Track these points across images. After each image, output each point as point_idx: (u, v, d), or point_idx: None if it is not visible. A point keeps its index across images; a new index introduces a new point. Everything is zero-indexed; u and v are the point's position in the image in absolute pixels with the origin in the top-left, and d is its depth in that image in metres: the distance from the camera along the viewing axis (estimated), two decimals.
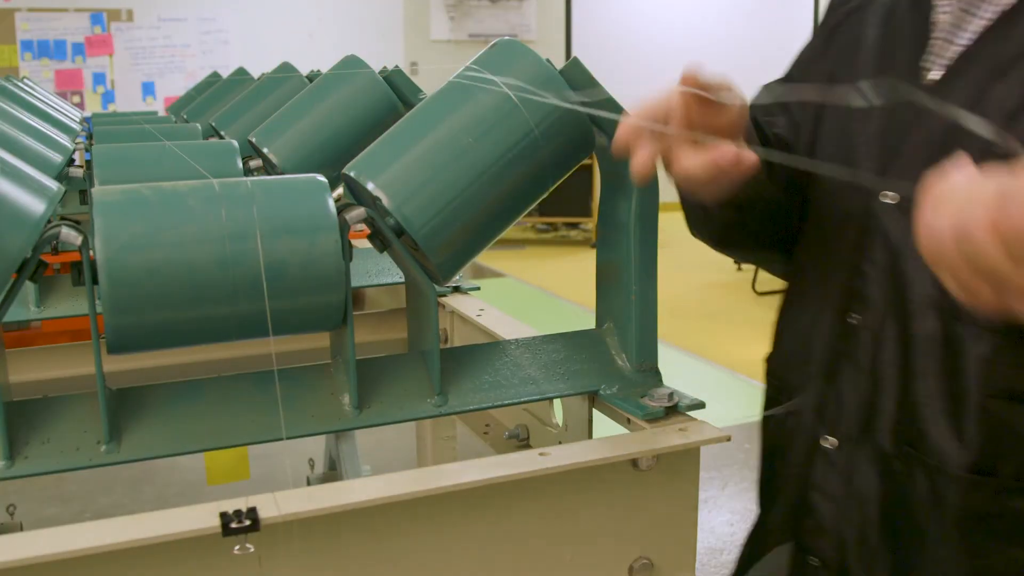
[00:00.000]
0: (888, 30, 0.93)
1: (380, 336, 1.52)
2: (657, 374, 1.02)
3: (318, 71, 2.06)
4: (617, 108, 0.96)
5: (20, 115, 1.70)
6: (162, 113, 3.66)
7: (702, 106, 0.75)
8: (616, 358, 1.04)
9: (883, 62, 0.92)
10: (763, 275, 5.10)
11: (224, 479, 1.70)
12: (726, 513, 3.22)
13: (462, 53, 8.61)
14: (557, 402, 1.10)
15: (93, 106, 7.71)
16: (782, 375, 1.03)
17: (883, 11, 0.95)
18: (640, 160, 0.76)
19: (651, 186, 0.99)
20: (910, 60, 0.89)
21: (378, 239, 0.95)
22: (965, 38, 0.85)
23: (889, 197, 0.87)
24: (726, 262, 6.62)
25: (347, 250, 0.90)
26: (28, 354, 1.37)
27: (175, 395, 0.94)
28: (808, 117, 1.00)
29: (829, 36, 1.01)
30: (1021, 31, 0.81)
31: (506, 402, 0.98)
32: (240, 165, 1.43)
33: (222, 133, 1.98)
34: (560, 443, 1.06)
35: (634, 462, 0.89)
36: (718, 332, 5.35)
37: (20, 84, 2.44)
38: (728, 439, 0.90)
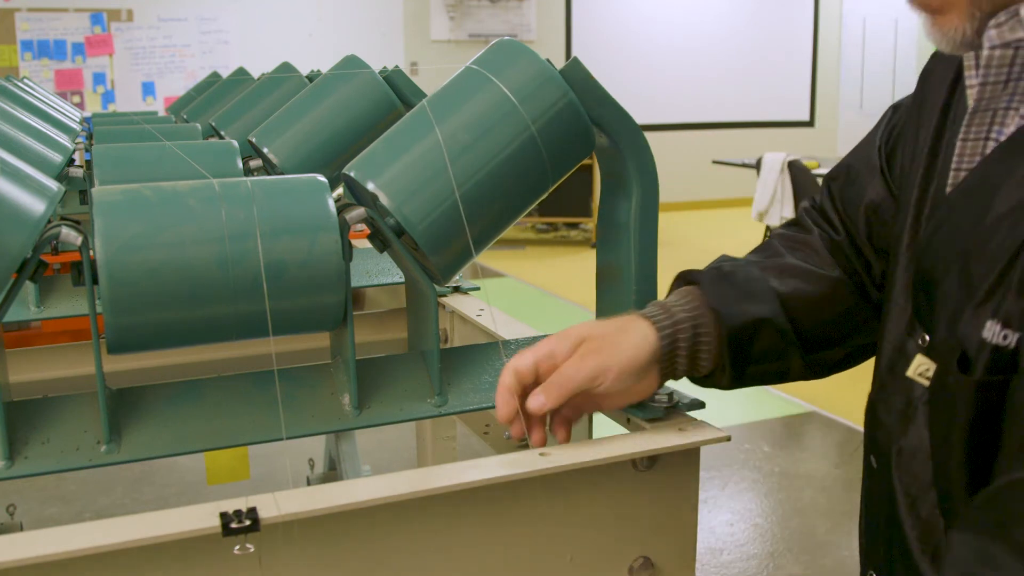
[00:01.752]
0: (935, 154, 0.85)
1: (380, 336, 1.52)
2: None
3: (318, 71, 2.06)
4: (617, 109, 0.96)
5: (20, 115, 1.70)
6: (162, 113, 3.66)
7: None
8: None
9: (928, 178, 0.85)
10: None
11: (224, 479, 1.70)
12: (726, 513, 3.22)
13: (462, 53, 8.61)
14: None
15: (93, 106, 7.71)
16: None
17: (936, 119, 0.85)
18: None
19: (651, 186, 0.99)
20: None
21: (378, 239, 0.95)
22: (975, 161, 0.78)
23: (921, 337, 0.79)
24: None
25: (347, 250, 0.90)
26: (28, 354, 1.37)
27: (175, 395, 0.94)
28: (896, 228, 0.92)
29: (888, 136, 0.95)
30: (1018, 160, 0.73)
31: None
32: (240, 165, 1.43)
33: (222, 133, 1.98)
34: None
35: (634, 462, 0.89)
36: None
37: (20, 84, 2.44)
38: (728, 439, 0.90)
